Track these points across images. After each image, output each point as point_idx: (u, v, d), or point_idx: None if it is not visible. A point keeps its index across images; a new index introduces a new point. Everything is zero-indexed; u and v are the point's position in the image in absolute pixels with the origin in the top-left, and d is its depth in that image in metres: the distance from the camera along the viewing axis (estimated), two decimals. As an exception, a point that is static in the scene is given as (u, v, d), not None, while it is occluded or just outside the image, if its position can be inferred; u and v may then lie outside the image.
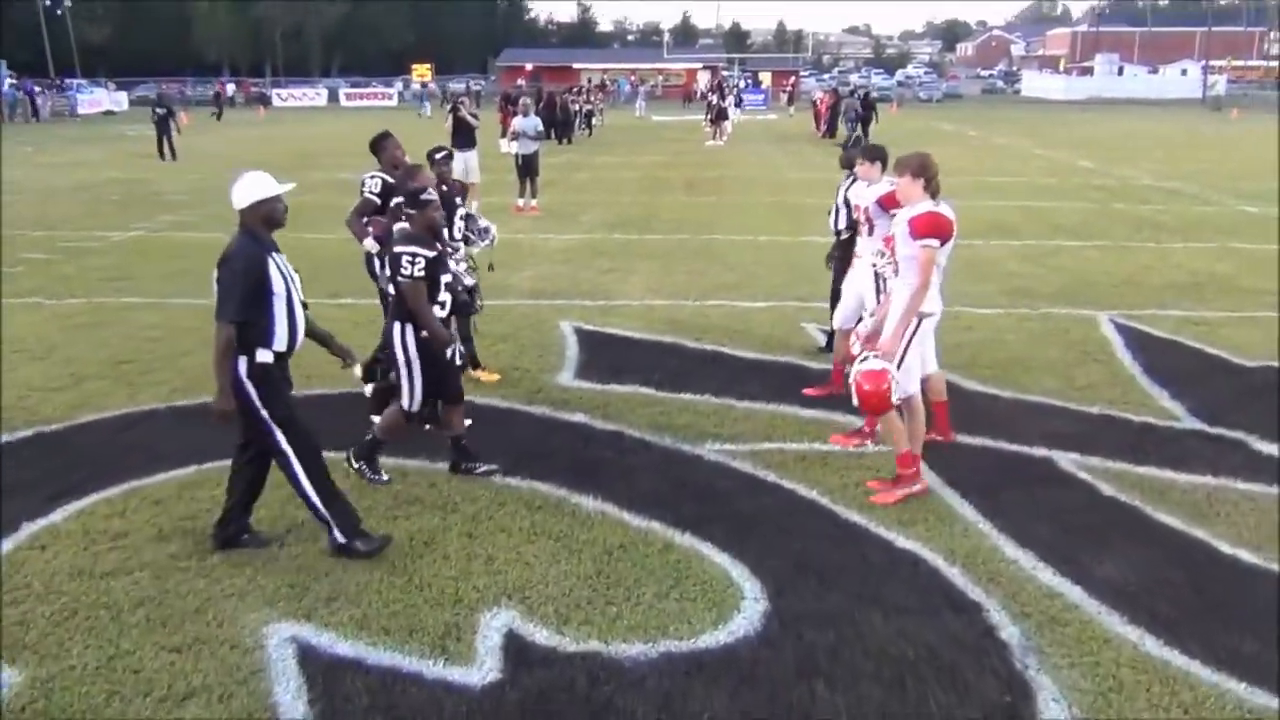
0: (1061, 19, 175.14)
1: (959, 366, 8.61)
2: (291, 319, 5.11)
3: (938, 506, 5.91)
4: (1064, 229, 15.76)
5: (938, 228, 5.80)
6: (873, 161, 7.72)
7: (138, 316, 10.38)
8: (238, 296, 4.94)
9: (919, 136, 36.31)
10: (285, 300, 5.07)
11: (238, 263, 4.99)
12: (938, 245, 5.81)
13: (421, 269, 5.87)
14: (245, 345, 5.03)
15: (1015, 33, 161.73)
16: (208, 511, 5.83)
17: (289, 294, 5.09)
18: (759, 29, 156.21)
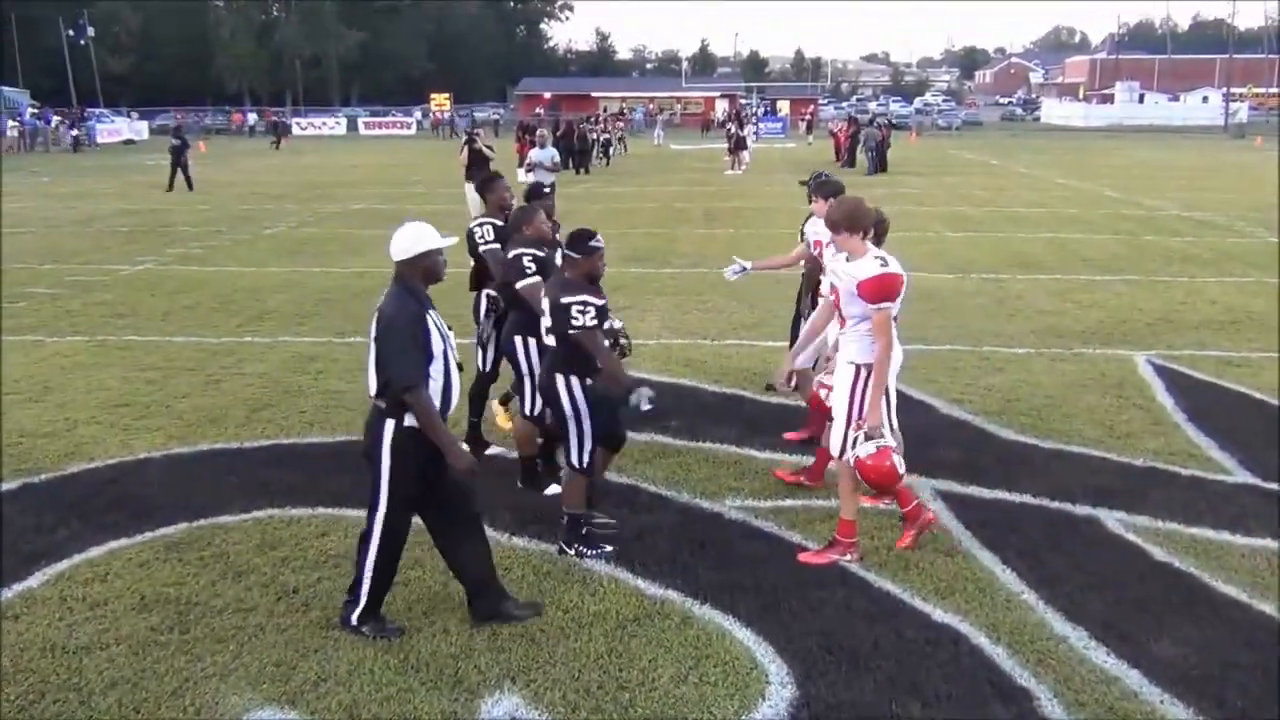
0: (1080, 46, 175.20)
1: (993, 412, 8.19)
2: (448, 382, 4.72)
3: (977, 572, 5.47)
4: (1093, 262, 15.32)
5: (890, 290, 5.38)
6: (825, 198, 7.14)
7: (137, 356, 10.06)
8: (413, 355, 4.55)
9: (940, 165, 36.01)
10: (443, 362, 4.70)
11: (401, 322, 4.58)
12: (891, 306, 5.42)
13: (593, 318, 5.51)
14: (396, 409, 4.62)
15: (1033, 60, 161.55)
16: (194, 577, 5.45)
17: (446, 355, 4.73)
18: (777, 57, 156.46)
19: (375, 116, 75.80)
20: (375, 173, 33.88)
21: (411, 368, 4.54)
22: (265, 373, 9.42)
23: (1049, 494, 6.54)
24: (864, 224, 5.50)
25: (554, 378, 5.66)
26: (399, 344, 4.56)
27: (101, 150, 50.96)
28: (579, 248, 5.67)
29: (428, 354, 4.60)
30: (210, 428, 7.91)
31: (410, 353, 4.55)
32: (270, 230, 19.25)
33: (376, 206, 23.15)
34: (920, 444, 7.34)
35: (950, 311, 11.92)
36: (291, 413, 8.26)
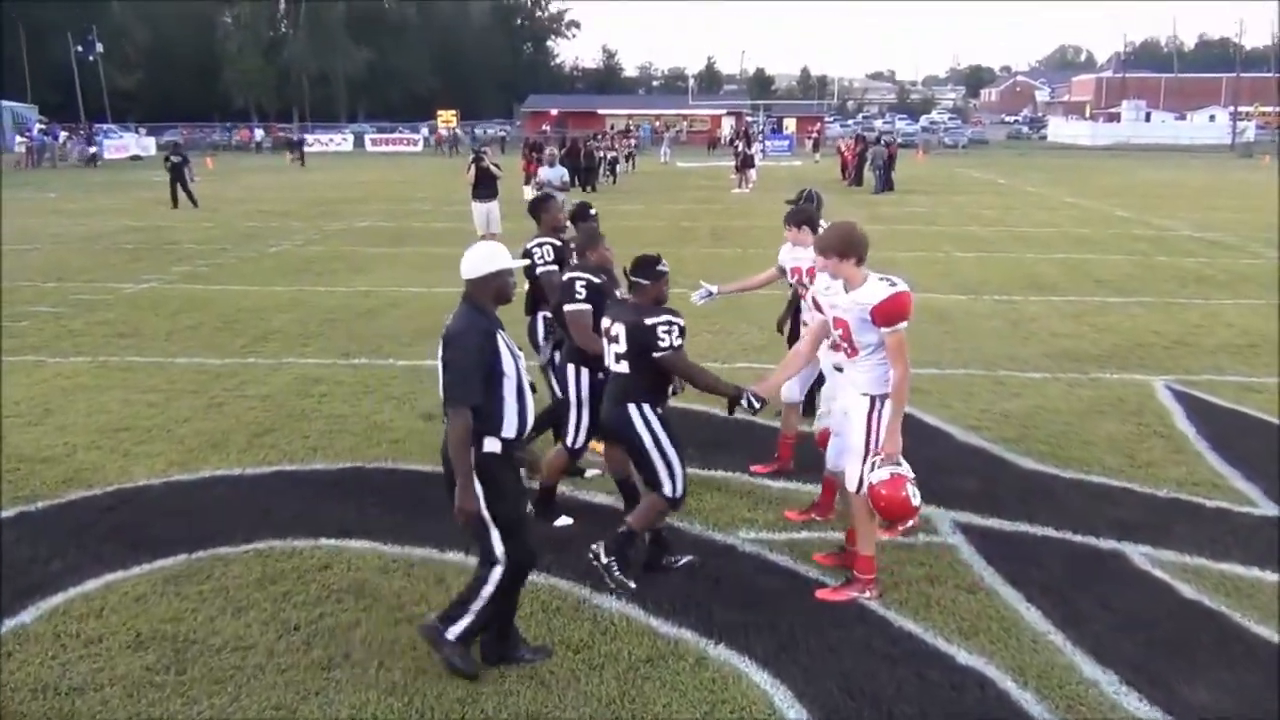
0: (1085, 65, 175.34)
1: (1011, 440, 8.01)
2: (521, 402, 4.59)
3: (1001, 611, 5.29)
4: (1106, 284, 15.15)
5: (903, 310, 5.18)
6: (796, 226, 7.10)
7: (139, 378, 9.91)
8: (474, 377, 4.42)
9: (948, 184, 35.91)
10: (515, 382, 4.57)
11: (470, 340, 4.46)
12: (905, 326, 5.22)
13: (679, 336, 5.41)
14: (474, 436, 4.46)
15: (1039, 78, 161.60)
16: (192, 612, 5.29)
17: (519, 375, 4.61)
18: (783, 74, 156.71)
19: (382, 133, 75.87)
20: (381, 189, 33.83)
21: (464, 386, 4.39)
22: (268, 395, 9.27)
23: (1072, 527, 6.36)
24: (858, 250, 5.29)
25: (627, 408, 5.48)
26: (463, 361, 4.42)
27: (109, 166, 50.97)
28: (646, 273, 5.57)
29: (498, 373, 4.48)
30: (212, 453, 7.75)
31: (471, 372, 4.41)
32: (275, 248, 19.14)
33: (381, 224, 23.06)
34: (937, 473, 7.19)
35: (963, 334, 11.75)
36: (295, 438, 8.10)
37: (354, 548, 6.04)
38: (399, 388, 9.58)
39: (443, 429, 4.49)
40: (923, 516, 6.40)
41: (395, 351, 10.87)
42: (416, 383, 9.70)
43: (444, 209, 26.77)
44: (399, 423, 8.47)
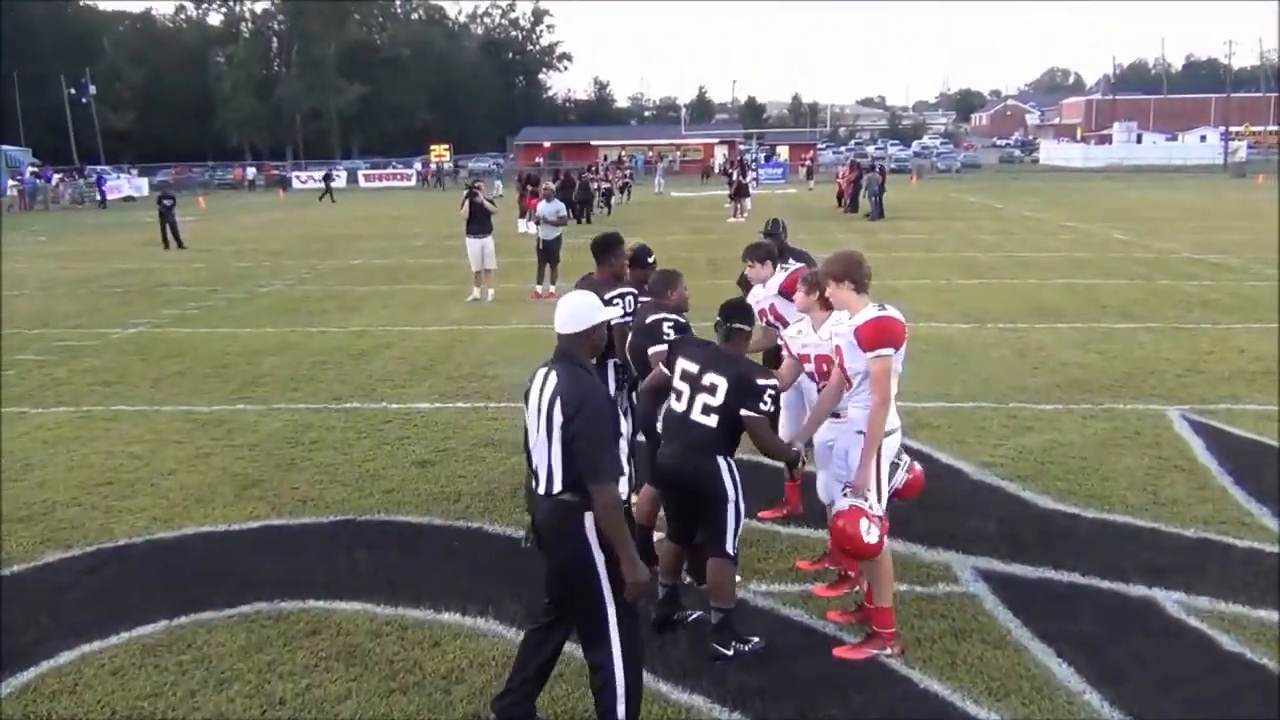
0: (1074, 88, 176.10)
1: (1027, 477, 7.71)
2: (630, 460, 4.40)
3: (1031, 668, 4.98)
4: (1112, 309, 14.89)
5: (890, 335, 4.96)
6: (760, 261, 7.07)
7: (124, 428, 9.60)
8: (615, 447, 4.06)
9: (944, 209, 35.77)
10: (627, 441, 4.34)
11: (601, 408, 4.05)
12: (892, 354, 4.95)
13: (775, 404, 5.15)
14: (589, 498, 3.99)
15: (1029, 102, 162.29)
16: (172, 686, 4.97)
17: (627, 436, 4.39)
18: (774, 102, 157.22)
19: (375, 169, 75.84)
20: (374, 226, 33.61)
21: (613, 459, 4.01)
22: (257, 444, 8.96)
23: (1099, 572, 6.05)
24: (856, 276, 5.12)
25: (717, 461, 5.08)
26: (602, 432, 3.99)
27: (102, 208, 50.78)
28: (746, 319, 5.42)
29: (617, 434, 4.12)
30: (196, 508, 7.43)
31: (611, 442, 4.03)
32: (266, 288, 18.87)
33: (375, 261, 22.81)
34: (954, 514, 6.92)
35: (971, 364, 11.47)
36: (283, 489, 7.79)
37: (344, 610, 5.72)
38: (392, 432, 9.27)
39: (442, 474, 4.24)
40: (942, 564, 6.14)
41: (388, 394, 10.56)
42: (410, 426, 9.41)
43: (439, 243, 26.53)
44: (392, 470, 8.16)
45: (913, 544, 6.38)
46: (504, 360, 12.07)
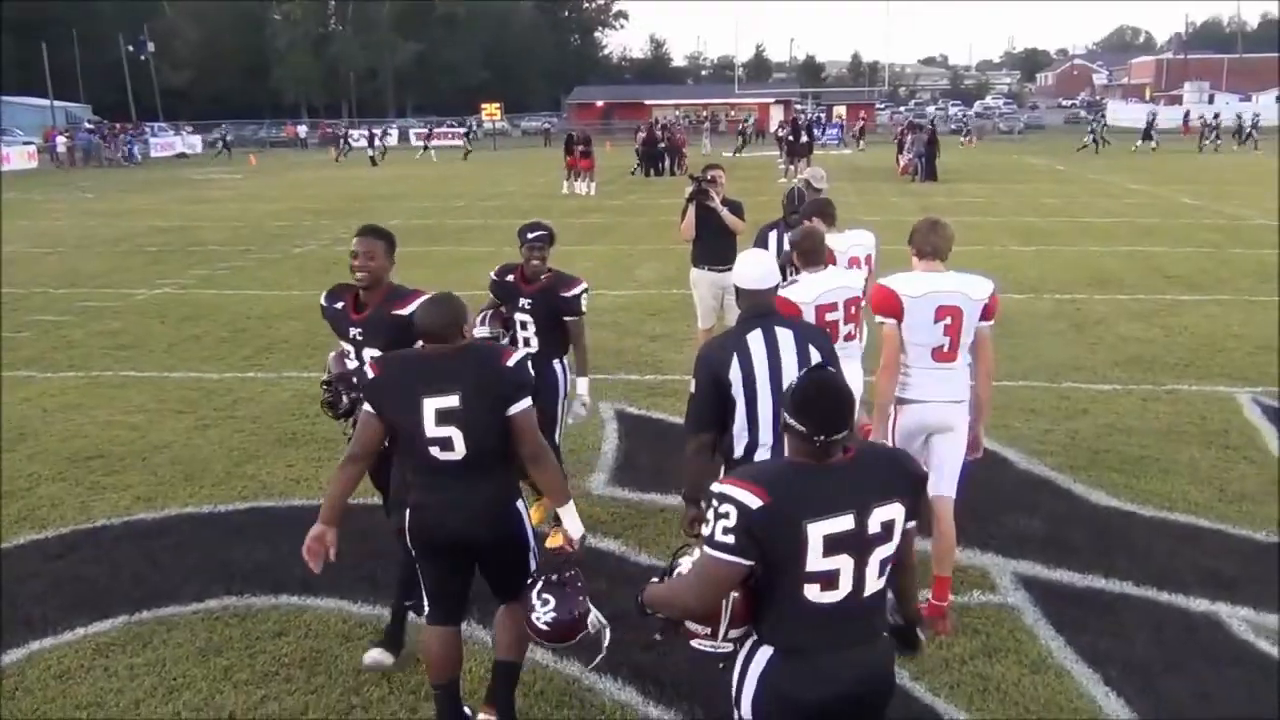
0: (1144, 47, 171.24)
1: (1080, 467, 7.05)
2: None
3: (1075, 699, 4.37)
4: (1178, 280, 14.00)
5: (881, 302, 4.86)
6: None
7: (129, 395, 9.24)
8: None
9: (1004, 171, 34.54)
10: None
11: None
12: (891, 323, 4.81)
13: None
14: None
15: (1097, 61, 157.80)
16: (116, 694, 4.53)
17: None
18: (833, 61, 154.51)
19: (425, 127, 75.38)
20: (420, 186, 33.15)
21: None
22: (259, 416, 8.54)
23: (1155, 581, 5.41)
24: (913, 240, 5.02)
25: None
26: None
27: (153, 164, 50.92)
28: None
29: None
30: (184, 486, 7.01)
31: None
32: (300, 249, 18.50)
33: (413, 222, 22.34)
34: (997, 509, 6.30)
35: (1023, 339, 10.74)
36: (278, 467, 7.36)
37: (316, 607, 5.26)
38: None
39: None
40: (979, 569, 5.54)
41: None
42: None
43: (478, 205, 26.04)
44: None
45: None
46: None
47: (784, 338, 4.03)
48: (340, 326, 4.69)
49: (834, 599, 2.73)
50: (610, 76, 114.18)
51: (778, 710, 2.79)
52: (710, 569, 2.73)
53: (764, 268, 4.17)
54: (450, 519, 3.75)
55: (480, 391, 3.65)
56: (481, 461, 3.70)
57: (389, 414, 3.71)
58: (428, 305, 3.78)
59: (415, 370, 3.73)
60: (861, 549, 2.72)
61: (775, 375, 3.96)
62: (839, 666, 2.77)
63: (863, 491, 2.74)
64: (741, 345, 4.03)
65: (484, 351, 3.85)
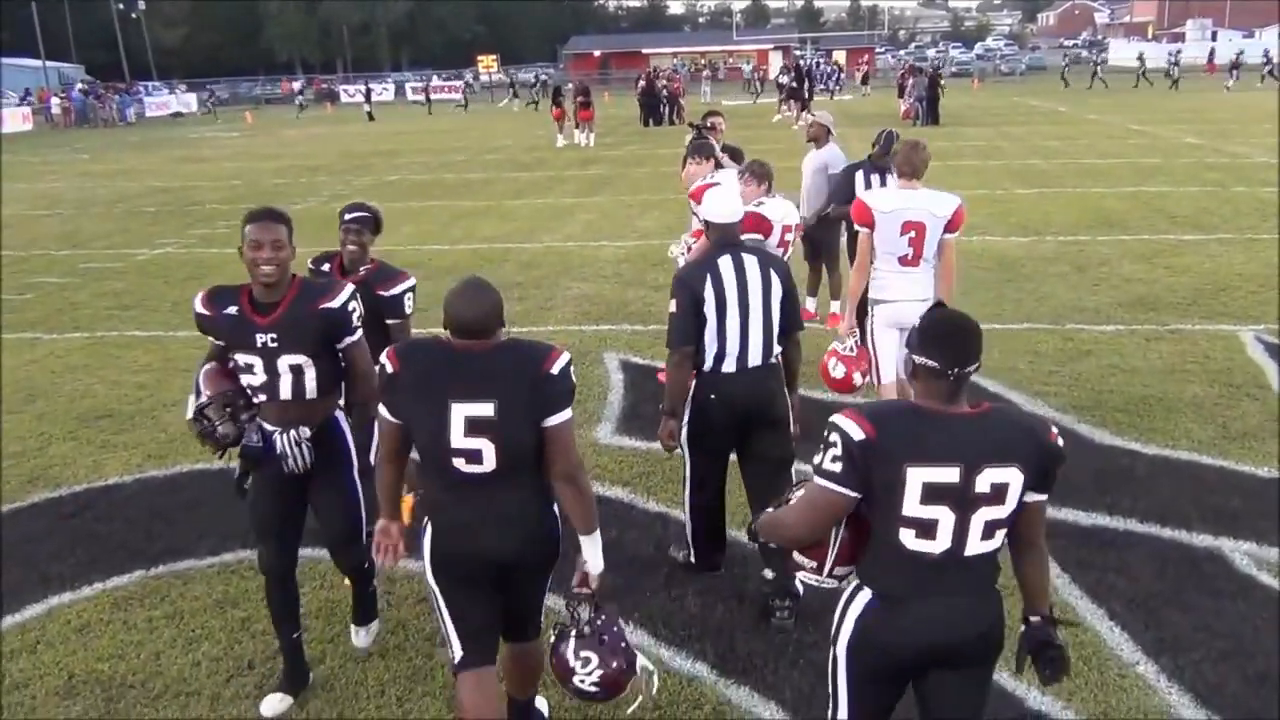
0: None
1: (1084, 407, 7.09)
2: None
3: (1079, 634, 4.43)
4: (1180, 220, 13.96)
5: (860, 215, 5.93)
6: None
7: (134, 356, 9.27)
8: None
9: (1005, 114, 34.29)
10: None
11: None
12: (867, 232, 5.88)
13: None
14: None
15: (1098, 0, 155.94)
16: (137, 646, 4.60)
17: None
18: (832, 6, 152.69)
19: (423, 81, 74.71)
20: (416, 140, 32.95)
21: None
22: (266, 373, 8.57)
23: (1159, 518, 5.47)
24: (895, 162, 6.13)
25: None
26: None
27: (148, 124, 50.57)
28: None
29: None
30: (193, 443, 6.94)
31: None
32: (300, 205, 18.42)
33: (411, 177, 22.26)
34: (1000, 452, 6.31)
35: (1026, 281, 10.74)
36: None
37: (330, 562, 5.31)
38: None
39: None
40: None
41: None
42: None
43: (478, 159, 25.89)
44: (402, 402, 7.72)
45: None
46: (531, 282, 11.56)
47: (749, 263, 4.55)
48: (240, 336, 3.80)
49: (931, 549, 2.69)
50: (606, 26, 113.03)
51: (871, 654, 2.82)
52: (817, 496, 2.75)
53: (731, 204, 4.68)
54: (485, 538, 3.25)
55: (519, 400, 3.13)
56: (513, 475, 3.21)
57: (405, 415, 3.21)
58: (462, 293, 3.15)
59: (444, 368, 3.16)
60: (965, 505, 2.66)
61: (742, 294, 4.50)
62: (934, 616, 2.75)
63: (978, 447, 2.66)
64: (714, 268, 4.52)
65: (524, 351, 3.23)
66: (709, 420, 4.62)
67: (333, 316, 3.85)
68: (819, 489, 2.74)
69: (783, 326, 4.58)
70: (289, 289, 3.82)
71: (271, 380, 3.82)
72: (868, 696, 2.88)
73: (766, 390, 4.61)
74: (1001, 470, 2.65)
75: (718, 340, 4.51)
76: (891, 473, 2.64)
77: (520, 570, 3.35)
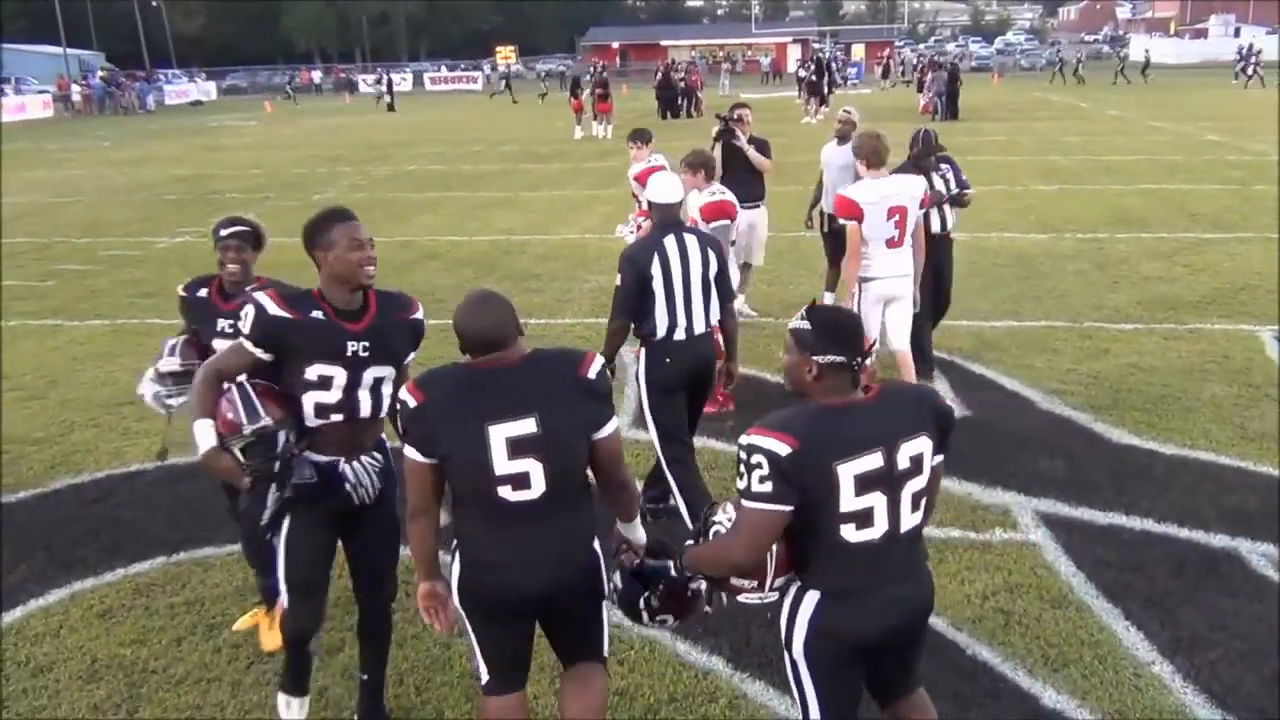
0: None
1: (1102, 407, 7.07)
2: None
3: (1095, 633, 4.44)
4: (1201, 218, 13.88)
5: (847, 209, 6.45)
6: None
7: (155, 343, 9.14)
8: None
9: (1026, 109, 34.11)
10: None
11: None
12: (856, 225, 6.39)
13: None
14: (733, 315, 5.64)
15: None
16: (159, 632, 4.66)
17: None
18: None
19: (441, 72, 74.83)
20: (435, 131, 33.02)
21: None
22: (285, 363, 8.63)
23: (1176, 518, 5.46)
24: (861, 153, 6.62)
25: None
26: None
27: (169, 112, 50.79)
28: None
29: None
30: (214, 432, 7.12)
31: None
32: (319, 195, 18.50)
33: (430, 167, 22.33)
34: (1017, 449, 6.36)
35: (1044, 279, 10.71)
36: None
37: (349, 549, 5.36)
38: (428, 352, 8.77)
39: None
40: (1000, 507, 5.60)
41: (427, 310, 10.11)
42: (447, 346, 8.95)
43: (495, 149, 25.94)
44: (420, 393, 7.76)
45: (968, 483, 5.83)
46: (549, 274, 11.60)
47: (690, 242, 5.18)
48: (326, 344, 3.47)
49: (872, 537, 2.77)
50: (624, 17, 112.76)
51: (829, 650, 2.86)
52: (753, 520, 2.74)
53: (673, 188, 5.37)
54: (530, 577, 3.05)
55: (560, 410, 2.97)
56: (563, 496, 3.01)
57: (439, 451, 2.96)
58: (469, 307, 3.03)
59: (472, 390, 2.97)
60: (893, 485, 2.76)
61: (685, 270, 5.12)
62: (886, 603, 2.84)
63: (889, 427, 2.77)
64: (660, 247, 5.11)
65: (555, 359, 3.10)
66: (667, 380, 5.23)
67: (419, 330, 3.74)
68: (756, 512, 2.73)
69: (719, 298, 5.26)
70: (366, 296, 3.56)
71: (350, 396, 3.49)
72: (834, 692, 2.92)
73: (708, 352, 5.30)
74: (914, 441, 2.80)
75: (668, 313, 5.13)
76: (823, 476, 2.70)
77: (564, 603, 3.15)
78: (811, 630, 2.86)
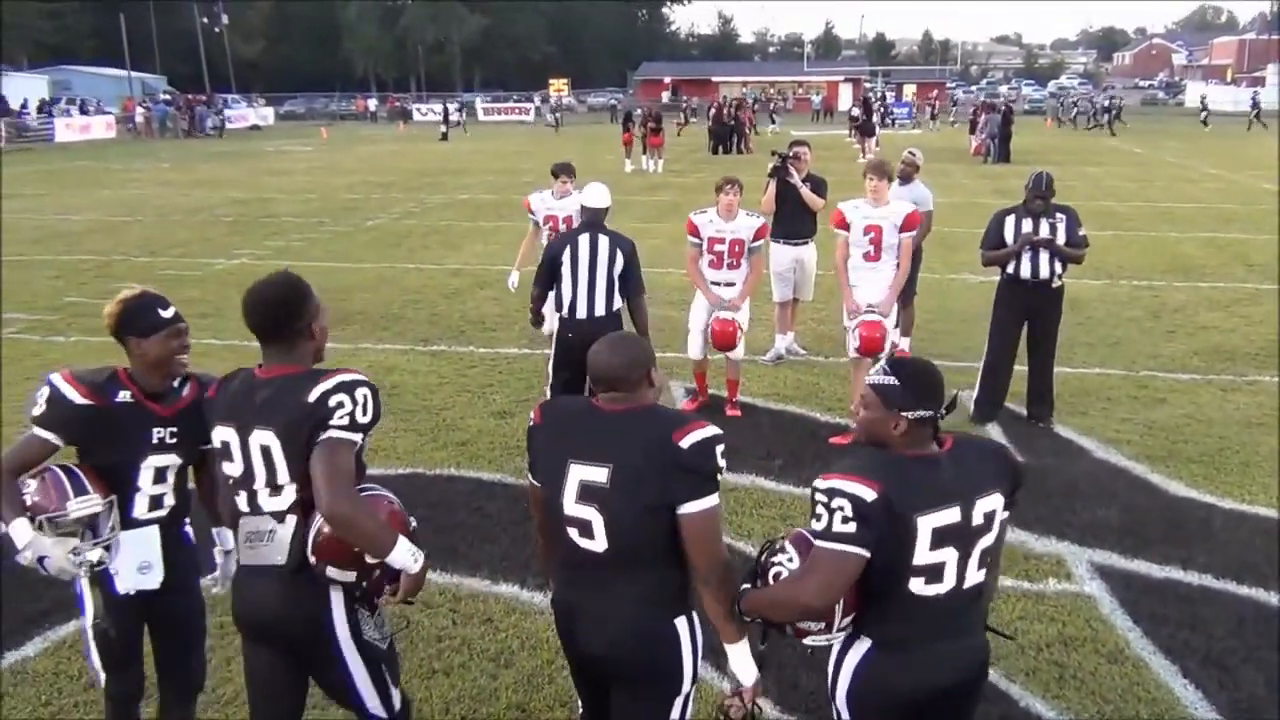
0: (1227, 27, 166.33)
1: (1158, 458, 6.97)
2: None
3: (1151, 689, 4.35)
4: (1259, 269, 13.68)
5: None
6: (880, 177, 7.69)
7: (211, 364, 9.30)
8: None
9: (1081, 153, 33.86)
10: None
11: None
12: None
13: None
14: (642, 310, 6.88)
15: (1176, 41, 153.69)
16: (209, 651, 4.66)
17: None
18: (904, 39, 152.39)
19: (495, 102, 75.65)
20: (487, 161, 33.37)
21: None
22: (337, 387, 8.71)
23: (1234, 574, 5.35)
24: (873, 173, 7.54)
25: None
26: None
27: (227, 136, 51.72)
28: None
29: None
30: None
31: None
32: (372, 221, 18.76)
33: (481, 196, 22.54)
34: (1071, 498, 6.27)
35: (1099, 326, 10.60)
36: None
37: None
38: (476, 379, 8.94)
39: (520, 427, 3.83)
40: (1054, 556, 5.52)
41: (477, 337, 10.23)
42: (495, 373, 9.07)
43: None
44: (469, 421, 7.82)
45: (1022, 531, 5.75)
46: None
47: (601, 240, 6.49)
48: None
49: (938, 591, 2.70)
50: (677, 53, 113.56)
51: (875, 703, 2.79)
52: (829, 561, 2.65)
53: (604, 195, 6.77)
54: (582, 630, 2.93)
55: (634, 469, 2.79)
56: (631, 561, 2.84)
57: (539, 476, 2.99)
58: (604, 344, 2.98)
59: (573, 422, 2.95)
60: (966, 541, 2.70)
61: (592, 261, 6.46)
62: (937, 659, 2.76)
63: (967, 482, 2.72)
64: (574, 241, 6.54)
65: (656, 417, 2.91)
66: (569, 351, 6.36)
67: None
68: (834, 553, 2.64)
69: (623, 292, 6.54)
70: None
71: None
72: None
73: (606, 331, 5.06)
74: (989, 499, 2.74)
75: (571, 294, 6.49)
76: (903, 526, 2.63)
77: (616, 679, 2.95)
78: (856, 679, 2.80)
